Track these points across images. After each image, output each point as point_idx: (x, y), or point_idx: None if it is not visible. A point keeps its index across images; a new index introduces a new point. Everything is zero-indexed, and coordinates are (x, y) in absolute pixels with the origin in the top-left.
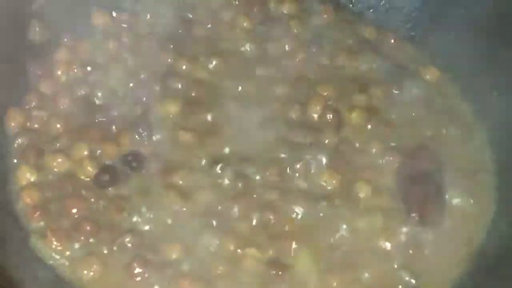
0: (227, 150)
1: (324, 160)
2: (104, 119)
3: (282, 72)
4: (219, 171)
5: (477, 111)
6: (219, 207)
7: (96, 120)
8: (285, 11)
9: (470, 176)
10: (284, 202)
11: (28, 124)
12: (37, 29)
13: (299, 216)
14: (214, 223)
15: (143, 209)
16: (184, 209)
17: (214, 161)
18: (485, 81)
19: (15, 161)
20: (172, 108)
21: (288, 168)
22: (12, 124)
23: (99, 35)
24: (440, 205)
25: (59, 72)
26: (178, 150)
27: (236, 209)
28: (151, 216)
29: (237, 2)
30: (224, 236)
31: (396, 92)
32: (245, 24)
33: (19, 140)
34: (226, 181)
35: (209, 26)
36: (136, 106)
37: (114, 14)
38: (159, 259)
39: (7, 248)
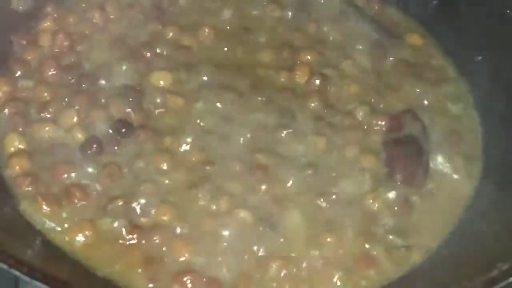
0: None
1: (310, 124)
2: (92, 88)
3: (268, 39)
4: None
5: (463, 75)
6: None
7: (84, 89)
8: None
9: (456, 139)
10: (271, 167)
11: (15, 93)
12: None
13: (289, 182)
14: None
15: (133, 175)
16: (175, 172)
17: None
18: (469, 45)
19: (4, 129)
20: (161, 78)
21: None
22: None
23: (83, 3)
24: (422, 166)
25: (44, 42)
26: (168, 116)
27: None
28: (141, 180)
29: None
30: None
31: (381, 57)
32: None
33: (7, 109)
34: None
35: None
36: (124, 75)
37: None
38: (151, 221)
39: None
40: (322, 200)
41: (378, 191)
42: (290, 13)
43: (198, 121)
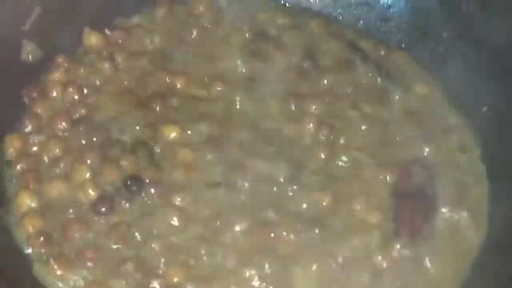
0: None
1: (317, 178)
2: (104, 141)
3: (274, 89)
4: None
5: (469, 125)
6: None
7: (95, 143)
8: (277, 26)
9: (463, 191)
10: (281, 224)
11: (26, 148)
12: (29, 49)
13: (296, 240)
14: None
15: (145, 234)
16: (185, 230)
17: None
18: (475, 94)
19: (16, 187)
20: (170, 131)
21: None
22: (11, 150)
23: (92, 54)
24: (429, 220)
25: (54, 93)
26: (177, 169)
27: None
28: (153, 240)
29: (229, 18)
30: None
31: (388, 106)
32: (237, 40)
33: (19, 165)
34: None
35: (202, 43)
36: (134, 128)
37: (107, 31)
38: (163, 284)
39: (9, 276)
40: (329, 259)
41: (386, 248)
42: (296, 61)
43: (207, 173)
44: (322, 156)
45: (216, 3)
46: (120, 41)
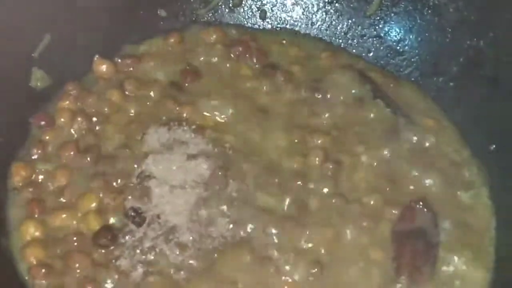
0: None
1: (321, 214)
2: (110, 172)
3: (282, 122)
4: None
5: (477, 164)
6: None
7: (101, 172)
8: (286, 57)
9: (467, 230)
10: (281, 260)
11: (33, 177)
12: (38, 76)
13: (296, 277)
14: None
15: (145, 268)
16: (185, 264)
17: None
18: (484, 132)
19: (20, 215)
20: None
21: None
22: (17, 178)
23: (102, 82)
24: (430, 261)
25: (62, 121)
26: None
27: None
28: (153, 275)
29: (237, 53)
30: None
31: (395, 143)
32: (246, 72)
33: (24, 194)
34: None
35: (211, 74)
36: (142, 158)
37: (117, 59)
38: None
39: None
40: None
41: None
42: (304, 95)
43: (209, 206)
44: (326, 191)
45: (226, 34)
46: (130, 69)
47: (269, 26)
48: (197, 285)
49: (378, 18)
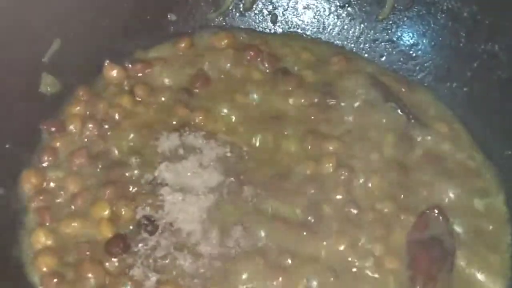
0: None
1: (335, 221)
2: (121, 179)
3: (294, 127)
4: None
5: (492, 169)
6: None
7: (112, 179)
8: (298, 62)
9: (484, 238)
10: (293, 267)
11: (43, 184)
12: (48, 81)
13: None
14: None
15: (157, 276)
16: (197, 272)
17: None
18: (499, 137)
19: (32, 223)
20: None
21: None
22: (27, 185)
23: (112, 87)
24: (445, 269)
25: (73, 128)
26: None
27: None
28: (165, 284)
29: (248, 57)
30: None
31: (408, 148)
32: (257, 77)
33: (35, 202)
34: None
35: (222, 79)
36: (154, 164)
37: (127, 64)
38: None
39: None
40: None
41: None
42: (316, 100)
43: (222, 213)
44: (339, 198)
45: (237, 38)
46: (140, 74)
47: (280, 30)
48: None
49: (390, 22)
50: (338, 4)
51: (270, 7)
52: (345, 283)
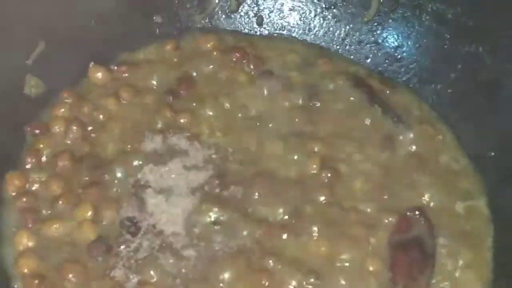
0: None
1: (317, 223)
2: (105, 181)
3: (278, 129)
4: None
5: (475, 171)
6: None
7: (96, 181)
8: (283, 64)
9: (465, 239)
10: (275, 270)
11: (27, 186)
12: (33, 83)
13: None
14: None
15: (140, 278)
16: (179, 274)
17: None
18: (483, 139)
19: (14, 225)
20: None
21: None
22: (11, 187)
23: (97, 89)
24: (426, 271)
25: (57, 130)
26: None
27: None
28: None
29: (234, 59)
30: None
31: (392, 150)
32: (242, 79)
33: (18, 204)
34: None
35: (207, 81)
36: (138, 166)
37: (112, 67)
38: None
39: None
40: None
41: None
42: (300, 101)
43: (205, 215)
44: (322, 199)
45: (223, 40)
46: (125, 76)
47: (266, 32)
48: None
49: (376, 24)
50: (323, 6)
51: (256, 9)
52: (327, 284)
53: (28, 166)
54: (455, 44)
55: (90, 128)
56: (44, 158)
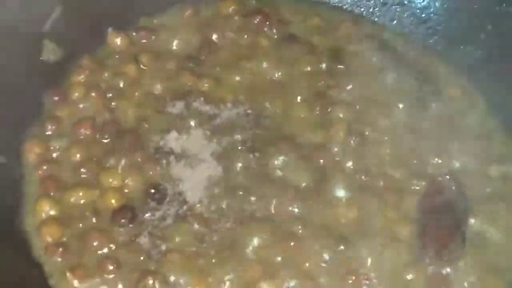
0: None
1: (344, 189)
2: (128, 148)
3: (303, 93)
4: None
5: (507, 134)
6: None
7: (119, 149)
8: (306, 27)
9: (498, 203)
10: (301, 237)
11: (47, 154)
12: (50, 48)
13: (320, 256)
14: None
15: (166, 245)
16: (207, 240)
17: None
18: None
19: (36, 193)
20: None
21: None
22: (31, 155)
23: (116, 55)
24: (458, 237)
25: (76, 96)
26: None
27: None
28: (174, 253)
29: (256, 22)
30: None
31: (420, 114)
32: (265, 43)
33: (39, 171)
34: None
35: (229, 46)
36: (161, 133)
37: (131, 32)
38: None
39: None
40: (353, 278)
41: (412, 266)
42: (324, 65)
43: (230, 181)
44: (349, 165)
45: (244, 4)
46: (145, 41)
47: None
48: (219, 262)
49: None
50: None
51: None
52: (356, 251)
53: (48, 133)
54: (484, 4)
55: (109, 95)
56: (64, 126)
